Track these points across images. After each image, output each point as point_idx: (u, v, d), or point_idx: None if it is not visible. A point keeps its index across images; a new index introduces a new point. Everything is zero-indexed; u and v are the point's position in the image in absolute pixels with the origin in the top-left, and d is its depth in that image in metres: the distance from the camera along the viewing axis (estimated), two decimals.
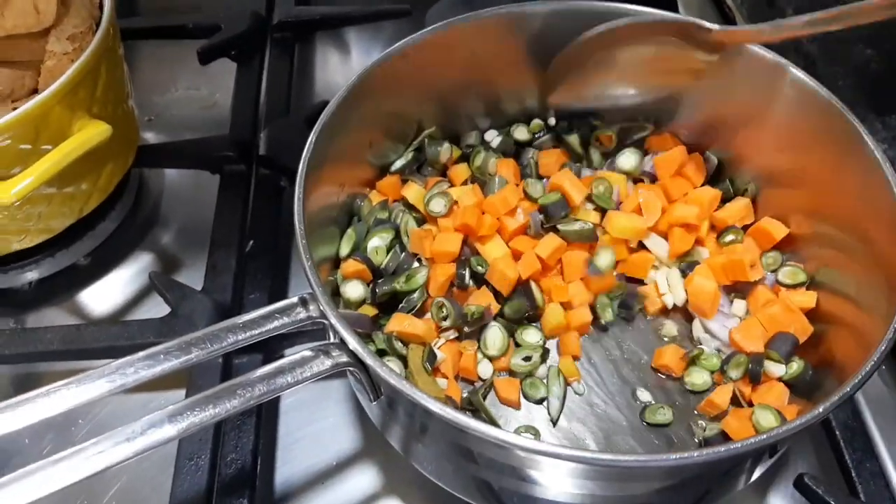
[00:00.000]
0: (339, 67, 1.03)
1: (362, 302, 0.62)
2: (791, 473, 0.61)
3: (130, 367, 0.43)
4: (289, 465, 0.63)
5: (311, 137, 0.56)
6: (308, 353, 0.46)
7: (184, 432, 0.42)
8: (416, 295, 0.62)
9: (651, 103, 0.70)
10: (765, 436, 0.42)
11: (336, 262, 0.65)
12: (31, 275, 0.75)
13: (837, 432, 0.62)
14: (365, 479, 0.62)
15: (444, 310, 0.61)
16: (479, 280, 0.64)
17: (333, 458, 0.64)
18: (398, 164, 0.69)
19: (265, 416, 0.64)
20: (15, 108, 0.62)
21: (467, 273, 0.63)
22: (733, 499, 0.61)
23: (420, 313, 0.63)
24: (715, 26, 0.61)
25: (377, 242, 0.64)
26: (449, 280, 0.64)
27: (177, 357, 0.44)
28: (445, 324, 0.61)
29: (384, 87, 0.65)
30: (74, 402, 0.42)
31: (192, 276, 0.74)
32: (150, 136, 0.90)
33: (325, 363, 0.45)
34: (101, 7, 0.72)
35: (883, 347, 0.46)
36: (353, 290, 0.61)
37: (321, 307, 0.46)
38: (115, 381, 0.43)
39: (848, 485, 0.60)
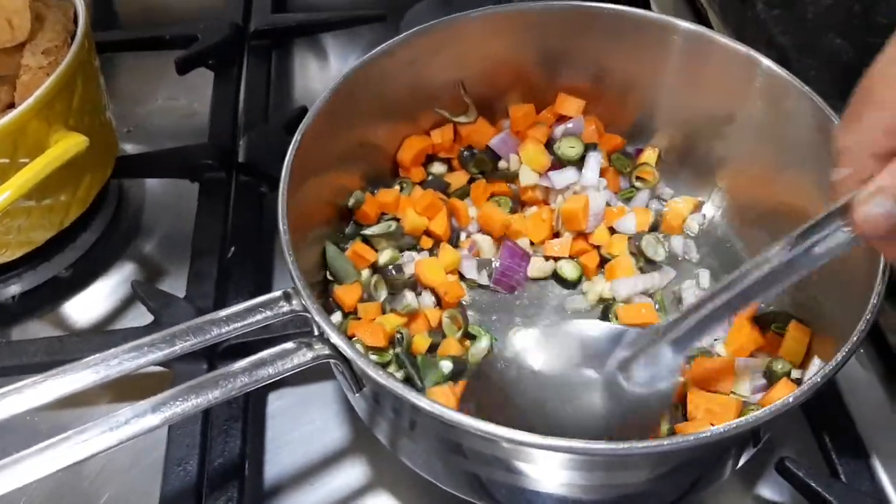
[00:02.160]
0: (318, 73, 1.04)
1: None
2: (776, 460, 0.62)
3: (115, 359, 0.44)
4: (277, 468, 0.63)
5: (300, 129, 0.58)
6: (290, 346, 0.47)
7: (167, 421, 0.43)
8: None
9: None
10: (747, 418, 0.43)
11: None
12: (14, 288, 0.75)
13: (817, 416, 0.63)
14: (354, 476, 0.63)
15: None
16: None
17: (322, 458, 0.64)
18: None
19: (252, 419, 0.64)
20: None
21: None
22: (722, 488, 0.62)
23: None
24: None
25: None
26: None
27: (160, 349, 0.45)
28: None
29: (368, 88, 0.66)
30: (60, 392, 0.43)
31: (175, 285, 0.74)
32: (130, 147, 0.90)
33: (306, 355, 0.46)
34: (75, 21, 0.72)
35: (855, 338, 0.47)
36: None
37: (303, 301, 0.47)
38: (100, 372, 0.44)
39: (829, 466, 0.61)
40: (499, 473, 0.49)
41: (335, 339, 0.45)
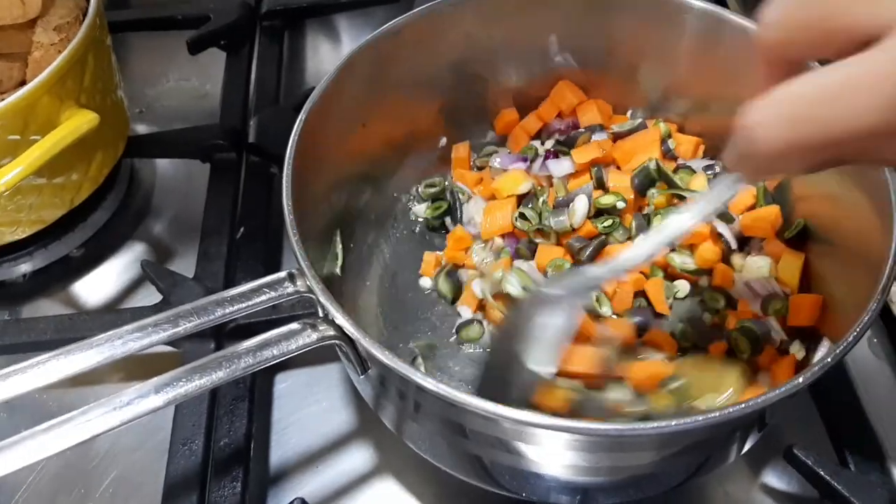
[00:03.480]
0: (330, 55, 1.03)
1: None
2: (783, 448, 0.61)
3: (119, 339, 0.44)
4: (283, 449, 0.64)
5: (305, 108, 0.57)
6: (295, 327, 0.46)
7: (171, 402, 0.43)
8: None
9: None
10: (754, 401, 0.42)
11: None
12: (25, 267, 0.76)
13: (827, 404, 0.62)
14: (359, 459, 0.63)
15: None
16: None
17: (327, 441, 0.64)
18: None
19: (258, 400, 0.65)
20: (3, 100, 0.62)
21: None
22: (729, 476, 0.62)
23: None
24: None
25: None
26: None
27: (165, 329, 0.45)
28: None
29: (375, 69, 0.65)
30: (65, 372, 0.43)
31: (185, 265, 0.74)
32: (142, 128, 0.91)
33: (311, 336, 0.46)
34: None
35: (865, 318, 0.46)
36: None
37: (308, 281, 0.47)
38: (105, 352, 0.43)
39: (838, 455, 0.60)
40: (501, 455, 0.49)
41: (340, 319, 0.45)
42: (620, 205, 0.65)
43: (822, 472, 0.57)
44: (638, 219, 0.66)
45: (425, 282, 0.69)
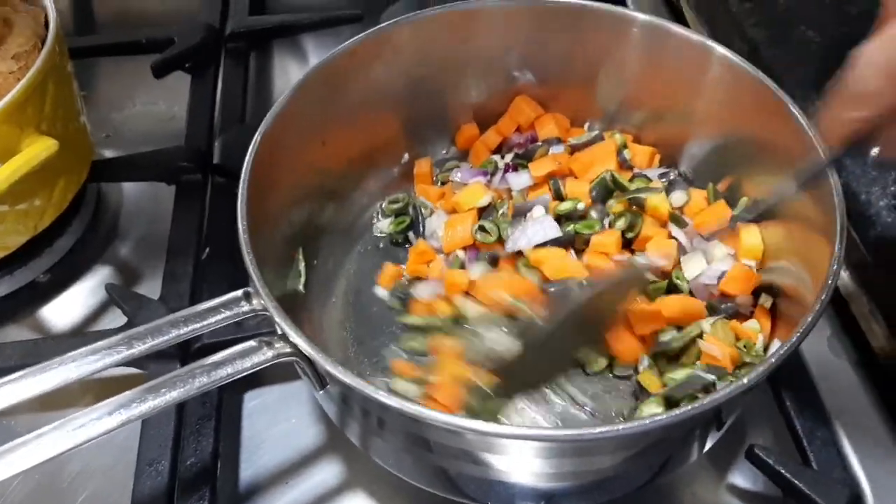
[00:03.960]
0: (297, 73, 1.01)
1: None
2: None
3: (73, 363, 0.44)
4: (253, 466, 0.64)
5: (261, 128, 0.58)
6: (252, 344, 0.47)
7: (125, 422, 0.43)
8: None
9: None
10: (707, 399, 0.43)
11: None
12: None
13: (788, 403, 0.63)
14: (329, 475, 0.63)
15: None
16: None
17: (297, 457, 0.64)
18: None
19: (226, 418, 0.64)
20: None
21: None
22: (695, 477, 0.62)
23: None
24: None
25: None
26: None
27: (119, 352, 0.45)
28: None
29: (333, 87, 0.66)
30: (22, 395, 0.44)
31: (152, 287, 0.74)
32: (109, 152, 0.90)
33: (267, 353, 0.46)
34: (47, 25, 0.72)
35: (811, 317, 0.47)
36: None
37: (263, 300, 0.47)
38: (61, 374, 0.44)
39: (800, 454, 0.61)
40: (465, 466, 0.49)
41: (294, 337, 0.46)
42: (580, 206, 0.67)
43: (783, 471, 0.57)
44: (600, 212, 0.67)
45: (381, 292, 0.70)
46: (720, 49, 0.63)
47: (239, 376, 0.46)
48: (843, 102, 0.44)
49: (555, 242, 0.65)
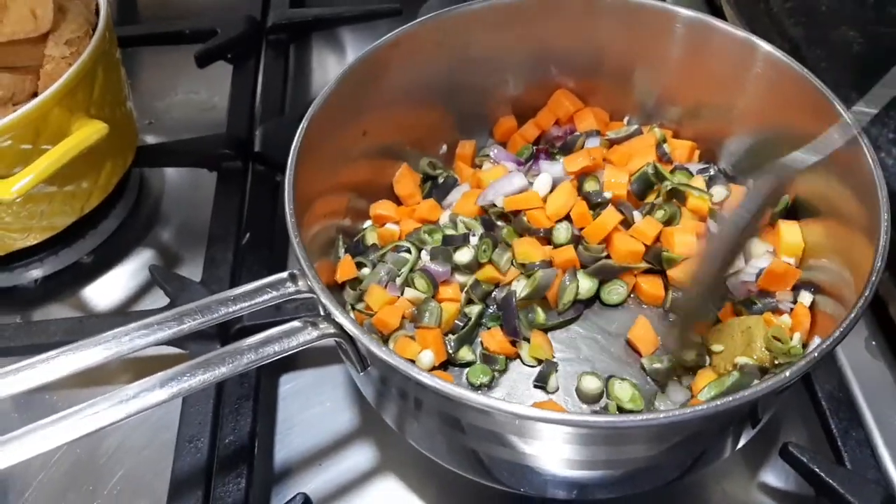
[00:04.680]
0: (335, 66, 1.05)
1: None
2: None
3: (126, 336, 0.45)
4: (287, 448, 0.65)
5: (307, 116, 0.59)
6: (297, 324, 0.48)
7: (175, 395, 0.44)
8: None
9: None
10: (741, 394, 0.43)
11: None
12: (36, 272, 0.78)
13: (823, 403, 0.63)
14: (361, 458, 0.64)
15: None
16: None
17: (330, 440, 0.65)
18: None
19: (263, 400, 0.66)
20: (16, 111, 0.64)
21: None
22: (727, 474, 0.62)
23: None
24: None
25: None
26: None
27: (170, 327, 0.46)
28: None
29: (374, 79, 0.67)
30: (73, 367, 0.45)
31: (192, 270, 0.76)
32: (151, 138, 0.93)
33: (311, 333, 0.47)
34: (97, 13, 0.74)
35: (853, 315, 0.47)
36: None
37: (309, 282, 0.48)
38: (112, 348, 0.45)
39: (834, 454, 0.61)
40: (498, 449, 0.50)
41: (340, 317, 0.47)
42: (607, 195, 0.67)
43: (817, 470, 0.57)
44: (627, 209, 0.67)
45: None
46: (765, 46, 0.63)
47: (284, 355, 0.47)
48: None
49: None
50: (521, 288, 0.64)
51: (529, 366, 0.63)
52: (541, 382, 0.62)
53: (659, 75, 0.71)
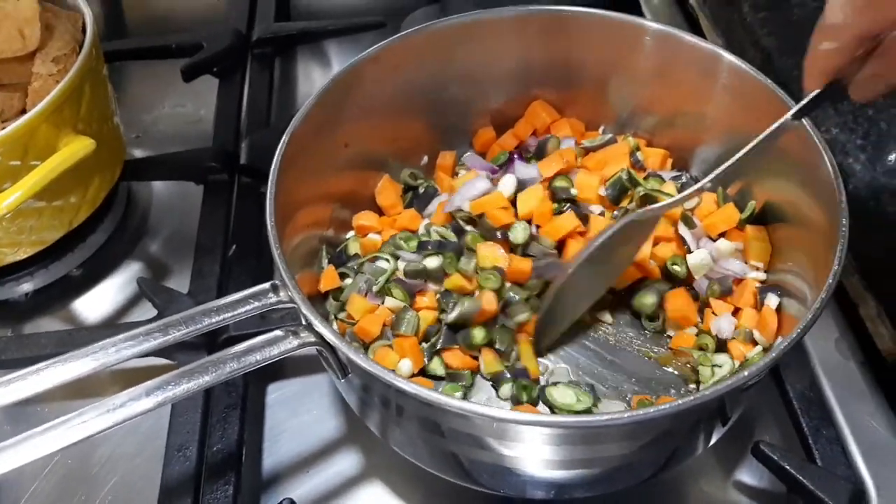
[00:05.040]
0: (321, 78, 1.07)
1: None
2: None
3: (114, 347, 0.47)
4: (275, 455, 0.66)
5: (288, 129, 0.61)
6: (279, 333, 0.50)
7: (161, 403, 0.46)
8: None
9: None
10: (710, 390, 0.45)
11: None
12: (27, 286, 0.79)
13: (795, 402, 0.64)
14: (347, 464, 0.65)
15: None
16: None
17: (317, 447, 0.67)
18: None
19: (251, 409, 0.67)
20: (4, 128, 0.66)
21: None
22: (703, 474, 0.64)
23: None
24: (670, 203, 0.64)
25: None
26: None
27: (156, 338, 0.48)
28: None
29: (356, 92, 0.69)
30: (63, 378, 0.46)
31: (180, 282, 0.77)
32: (139, 152, 0.94)
33: (293, 342, 0.49)
34: (84, 31, 0.76)
35: (810, 316, 0.49)
36: None
37: (290, 292, 0.50)
38: (100, 359, 0.47)
39: (806, 452, 0.62)
40: (477, 452, 0.52)
41: (319, 327, 0.48)
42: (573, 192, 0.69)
43: (788, 467, 0.59)
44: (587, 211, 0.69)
45: None
46: (729, 57, 0.65)
47: (266, 363, 0.49)
48: (818, 35, 0.49)
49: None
50: (448, 315, 0.65)
51: (487, 380, 0.64)
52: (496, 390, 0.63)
53: (632, 87, 0.73)
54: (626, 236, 0.62)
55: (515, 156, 0.75)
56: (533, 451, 0.50)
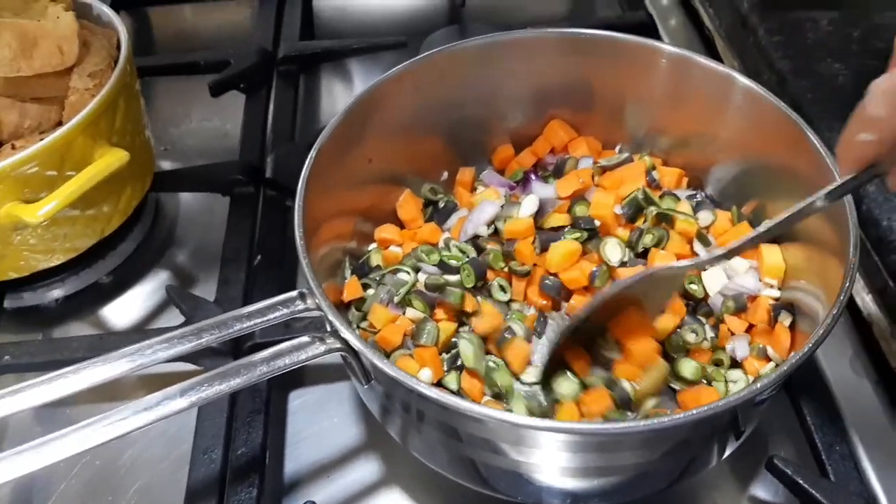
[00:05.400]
0: (343, 96, 1.10)
1: None
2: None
3: (149, 349, 0.49)
4: (296, 461, 0.68)
5: (315, 145, 0.63)
6: (305, 339, 0.51)
7: (194, 404, 0.48)
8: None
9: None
10: (722, 402, 0.46)
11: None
12: (58, 292, 0.82)
13: (809, 419, 0.65)
14: (367, 471, 0.67)
15: None
16: None
17: (337, 454, 0.68)
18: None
19: (274, 414, 0.69)
20: (42, 139, 0.68)
21: None
22: (717, 488, 0.65)
23: None
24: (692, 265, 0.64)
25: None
26: None
27: (189, 341, 0.50)
28: None
29: (380, 110, 0.71)
30: (99, 378, 0.48)
31: (206, 290, 0.79)
32: (166, 164, 0.97)
33: (319, 348, 0.51)
34: (119, 47, 0.79)
35: (821, 331, 0.50)
36: None
37: (317, 300, 0.52)
38: (136, 360, 0.49)
39: (819, 467, 0.63)
40: (495, 458, 0.53)
41: (345, 333, 0.50)
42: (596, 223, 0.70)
43: (801, 482, 0.60)
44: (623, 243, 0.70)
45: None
46: (743, 79, 0.67)
47: (294, 367, 0.51)
48: (856, 125, 0.49)
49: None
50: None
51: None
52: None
53: (648, 107, 0.75)
54: (644, 290, 0.62)
55: (532, 175, 0.77)
56: (548, 458, 0.51)
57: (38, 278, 0.80)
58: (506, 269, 0.69)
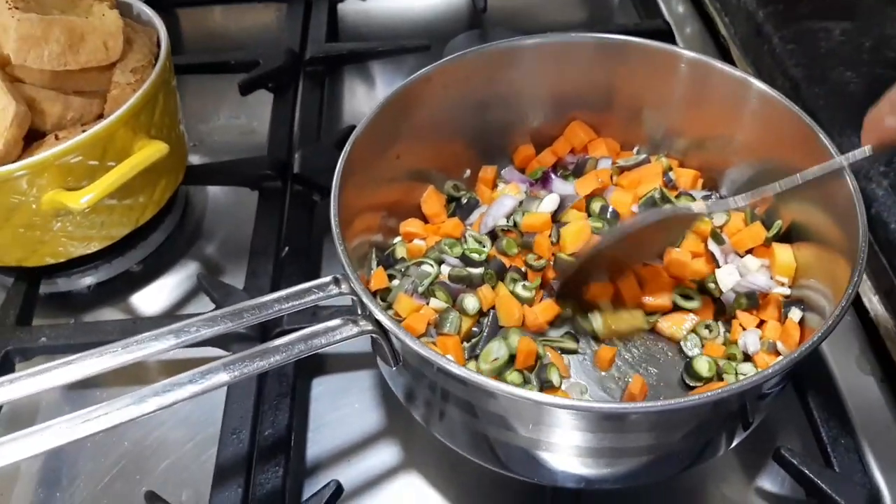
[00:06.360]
0: (365, 97, 1.13)
1: None
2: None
3: (193, 327, 0.52)
4: (318, 445, 0.71)
5: (349, 142, 0.66)
6: (339, 321, 0.54)
7: (235, 378, 0.50)
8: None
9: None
10: (735, 385, 0.49)
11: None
12: (90, 279, 0.85)
13: (815, 413, 0.67)
14: (387, 456, 0.70)
15: None
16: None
17: (358, 438, 0.71)
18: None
19: (298, 398, 0.72)
20: (84, 131, 0.72)
21: None
22: (724, 478, 0.67)
23: None
24: (703, 210, 0.68)
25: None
26: None
27: (231, 320, 0.52)
28: None
29: (408, 109, 0.74)
30: (147, 352, 0.51)
31: (234, 280, 0.81)
32: (195, 159, 1.00)
33: (352, 329, 0.54)
34: (158, 45, 0.82)
35: (827, 325, 0.53)
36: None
37: (351, 284, 0.55)
38: (181, 336, 0.52)
39: (824, 458, 0.65)
40: (513, 436, 0.55)
41: (378, 314, 0.53)
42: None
43: (807, 472, 0.62)
44: None
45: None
46: (758, 84, 0.70)
47: (329, 346, 0.53)
48: (888, 105, 0.51)
49: None
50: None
51: None
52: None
53: (666, 110, 0.78)
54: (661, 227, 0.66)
55: (551, 173, 0.80)
56: (564, 437, 0.53)
57: (72, 265, 0.83)
58: (520, 256, 0.72)
